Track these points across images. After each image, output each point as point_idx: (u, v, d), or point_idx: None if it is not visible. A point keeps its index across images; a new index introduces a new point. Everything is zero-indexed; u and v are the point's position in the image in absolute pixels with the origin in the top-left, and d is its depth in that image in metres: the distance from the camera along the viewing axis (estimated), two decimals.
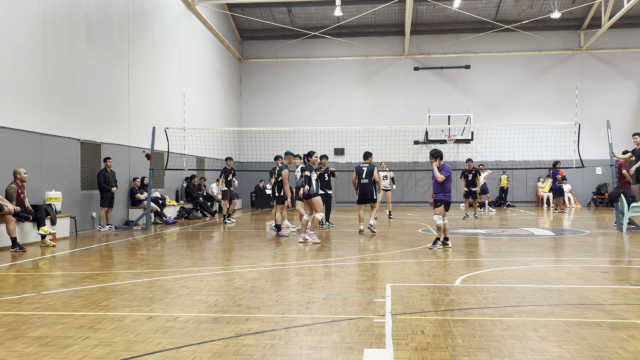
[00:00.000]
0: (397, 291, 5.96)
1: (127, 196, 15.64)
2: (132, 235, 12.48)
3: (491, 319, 4.79)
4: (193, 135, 19.09)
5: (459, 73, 26.22)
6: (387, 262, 8.12)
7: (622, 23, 24.05)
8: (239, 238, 11.90)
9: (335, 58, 26.95)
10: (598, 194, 24.38)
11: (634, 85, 25.62)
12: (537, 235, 11.89)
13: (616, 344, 4.05)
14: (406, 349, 3.97)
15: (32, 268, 7.96)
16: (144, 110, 16.52)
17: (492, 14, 25.21)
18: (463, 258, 8.56)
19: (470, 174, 17.38)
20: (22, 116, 11.17)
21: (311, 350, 3.95)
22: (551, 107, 25.37)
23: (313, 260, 8.43)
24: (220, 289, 6.17)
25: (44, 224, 10.46)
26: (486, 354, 3.85)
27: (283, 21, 26.09)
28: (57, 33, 12.32)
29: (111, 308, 5.27)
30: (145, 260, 8.70)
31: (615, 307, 5.21)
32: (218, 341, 4.17)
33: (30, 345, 4.09)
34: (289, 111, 26.91)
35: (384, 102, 26.61)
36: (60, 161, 12.45)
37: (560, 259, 8.61)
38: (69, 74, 12.76)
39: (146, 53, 16.74)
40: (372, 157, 12.57)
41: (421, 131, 24.88)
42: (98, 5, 14.03)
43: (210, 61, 23.00)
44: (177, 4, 19.23)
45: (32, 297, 5.81)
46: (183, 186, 19.16)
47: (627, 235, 11.74)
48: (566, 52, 25.86)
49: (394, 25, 26.41)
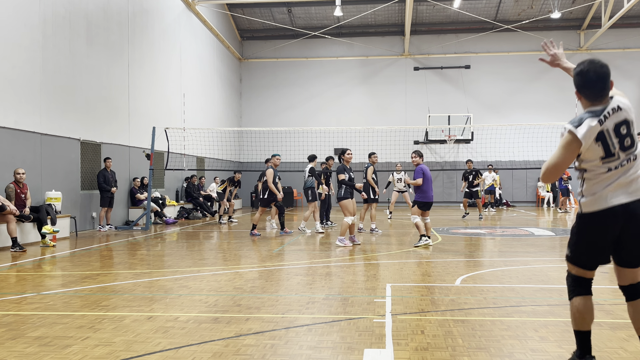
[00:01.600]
0: (397, 291, 5.96)
1: (127, 196, 15.64)
2: (132, 235, 12.49)
3: (491, 319, 4.79)
4: (193, 135, 19.09)
5: (459, 73, 26.21)
6: (387, 262, 8.12)
7: (622, 23, 24.05)
8: (239, 238, 11.90)
9: (335, 58, 26.95)
10: None
11: (634, 85, 25.62)
12: (537, 235, 11.89)
13: (616, 344, 4.05)
14: (406, 349, 3.97)
15: (32, 268, 7.96)
16: (144, 110, 16.52)
17: (492, 14, 25.21)
18: (463, 258, 8.56)
19: (470, 175, 17.37)
20: (22, 116, 11.17)
21: (311, 350, 3.95)
22: (551, 107, 25.36)
23: (313, 260, 8.43)
24: (220, 289, 6.17)
25: (47, 223, 10.47)
26: (486, 354, 3.85)
27: (283, 21, 26.09)
28: (57, 33, 12.32)
29: (111, 308, 5.27)
30: (145, 260, 8.70)
31: (615, 307, 5.21)
32: (218, 341, 4.17)
33: (30, 345, 4.09)
34: (289, 111, 26.91)
35: (384, 102, 26.61)
36: (60, 161, 12.45)
37: (560, 259, 8.61)
38: (69, 74, 12.76)
39: (146, 53, 16.74)
40: (375, 156, 12.54)
41: (421, 131, 24.88)
42: (98, 5, 14.03)
43: (210, 61, 23.00)
44: (177, 4, 19.23)
45: (32, 297, 5.81)
46: (183, 186, 19.17)
47: None
48: (566, 52, 25.82)
49: (394, 25, 26.41)
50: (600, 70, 3.22)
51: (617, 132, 3.20)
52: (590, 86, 3.23)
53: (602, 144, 3.18)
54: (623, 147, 3.20)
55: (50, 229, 10.34)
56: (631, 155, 3.24)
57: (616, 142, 3.19)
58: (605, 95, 3.24)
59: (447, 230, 13.35)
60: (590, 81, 3.22)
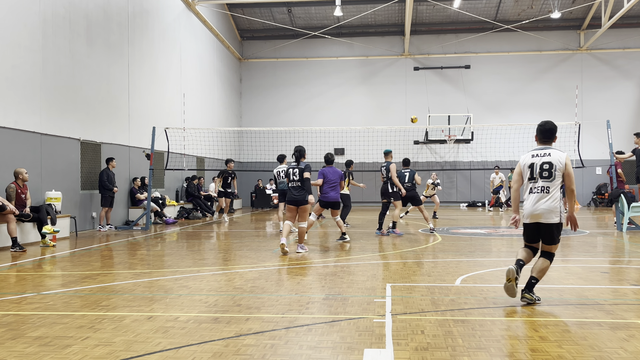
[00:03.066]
0: (397, 291, 5.96)
1: (127, 196, 15.64)
2: (132, 235, 12.49)
3: (491, 319, 4.79)
4: (193, 135, 19.09)
5: (459, 73, 26.21)
6: (387, 262, 8.12)
7: (622, 23, 24.05)
8: (239, 238, 11.90)
9: (335, 58, 26.95)
10: (598, 194, 24.37)
11: (634, 85, 25.62)
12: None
13: (616, 344, 4.05)
14: (406, 349, 3.97)
15: (32, 268, 7.96)
16: (144, 110, 16.52)
17: (492, 14, 25.21)
18: (463, 258, 8.55)
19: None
20: (22, 116, 11.17)
21: (311, 350, 3.95)
22: (551, 107, 25.35)
23: (313, 260, 8.43)
24: (220, 289, 6.17)
25: (47, 223, 10.47)
26: (486, 354, 3.85)
27: (283, 21, 26.09)
28: (57, 33, 12.32)
29: (111, 308, 5.27)
30: (145, 260, 8.70)
31: (615, 307, 5.21)
32: (218, 341, 4.17)
33: (30, 345, 4.09)
34: (288, 111, 26.91)
35: (384, 102, 26.61)
36: (60, 161, 12.45)
37: (560, 259, 8.61)
38: (69, 74, 12.77)
39: (146, 53, 16.74)
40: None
41: (421, 131, 24.88)
42: (98, 5, 14.03)
43: (210, 61, 23.00)
44: (177, 4, 19.24)
45: (32, 297, 5.81)
46: (183, 186, 19.17)
47: (627, 235, 11.74)
48: (566, 52, 25.87)
49: (394, 25, 26.41)
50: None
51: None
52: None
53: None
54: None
55: (51, 229, 10.34)
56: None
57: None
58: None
59: (447, 230, 13.36)
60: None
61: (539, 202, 5.35)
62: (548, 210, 5.33)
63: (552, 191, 5.35)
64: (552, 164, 5.38)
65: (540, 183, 5.37)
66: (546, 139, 5.61)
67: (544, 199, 5.33)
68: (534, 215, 5.40)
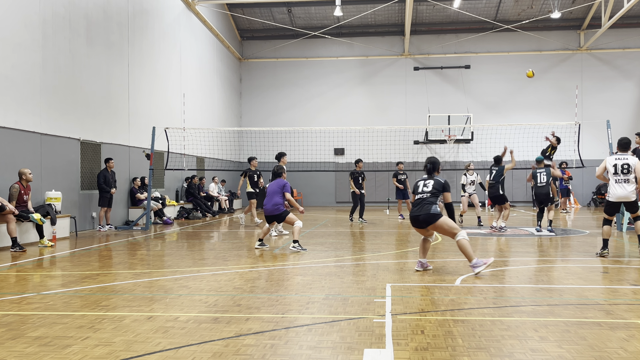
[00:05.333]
0: (397, 291, 5.96)
1: (127, 196, 15.64)
2: (132, 235, 12.48)
3: (491, 319, 4.79)
4: (193, 135, 19.09)
5: (459, 73, 26.21)
6: (387, 262, 8.12)
7: (622, 23, 24.05)
8: (239, 238, 11.90)
9: (335, 58, 26.95)
10: (598, 194, 24.37)
11: (634, 85, 25.62)
12: (537, 235, 11.89)
13: (616, 344, 4.05)
14: (406, 349, 3.97)
15: (32, 268, 7.96)
16: (144, 110, 16.52)
17: (492, 14, 25.21)
18: (463, 258, 8.55)
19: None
20: (22, 116, 11.17)
21: (311, 350, 3.95)
22: (551, 107, 25.36)
23: (313, 260, 8.43)
24: (220, 289, 6.17)
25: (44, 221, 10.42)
26: (486, 354, 3.85)
27: (283, 21, 26.09)
28: (57, 33, 12.31)
29: (111, 308, 5.27)
30: (145, 260, 8.70)
31: (615, 307, 5.21)
32: (218, 341, 4.17)
33: (30, 345, 4.09)
34: (289, 111, 26.91)
35: (384, 102, 26.60)
36: (60, 161, 12.45)
37: (560, 259, 8.61)
38: (69, 73, 12.76)
39: (146, 53, 16.74)
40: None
41: (421, 131, 24.88)
42: (98, 5, 14.03)
43: (210, 61, 23.00)
44: (177, 4, 19.23)
45: (32, 297, 5.81)
46: (183, 186, 19.17)
47: (627, 235, 11.74)
48: (566, 52, 25.86)
49: (394, 25, 26.41)
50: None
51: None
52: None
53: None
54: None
55: (38, 217, 10.20)
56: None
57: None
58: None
59: None
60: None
61: (623, 189, 8.29)
62: (631, 193, 8.27)
63: (630, 182, 8.27)
64: (630, 165, 8.29)
65: (622, 177, 8.32)
66: (624, 149, 8.45)
67: (625, 187, 8.29)
68: (620, 197, 8.32)
